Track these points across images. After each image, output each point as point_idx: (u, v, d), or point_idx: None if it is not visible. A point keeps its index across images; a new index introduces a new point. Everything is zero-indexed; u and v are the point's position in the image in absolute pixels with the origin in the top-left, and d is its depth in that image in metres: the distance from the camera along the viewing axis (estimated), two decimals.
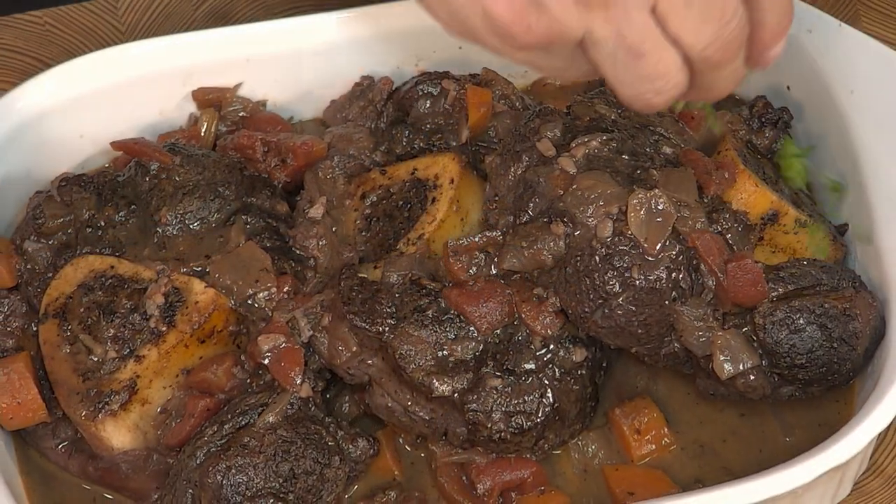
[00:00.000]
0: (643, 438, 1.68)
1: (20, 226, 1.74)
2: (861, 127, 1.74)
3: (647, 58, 1.31)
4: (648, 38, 1.30)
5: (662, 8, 1.29)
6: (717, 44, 1.32)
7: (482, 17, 1.30)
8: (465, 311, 1.60)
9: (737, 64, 1.37)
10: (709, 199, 1.64)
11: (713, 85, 1.39)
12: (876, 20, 2.02)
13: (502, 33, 1.30)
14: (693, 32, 1.31)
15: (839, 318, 1.60)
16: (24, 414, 1.65)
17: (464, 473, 1.65)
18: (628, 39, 1.30)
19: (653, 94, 1.35)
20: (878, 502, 1.70)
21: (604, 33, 1.29)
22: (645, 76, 1.33)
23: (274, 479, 1.57)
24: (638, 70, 1.32)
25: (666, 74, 1.33)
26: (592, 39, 1.30)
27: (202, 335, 1.64)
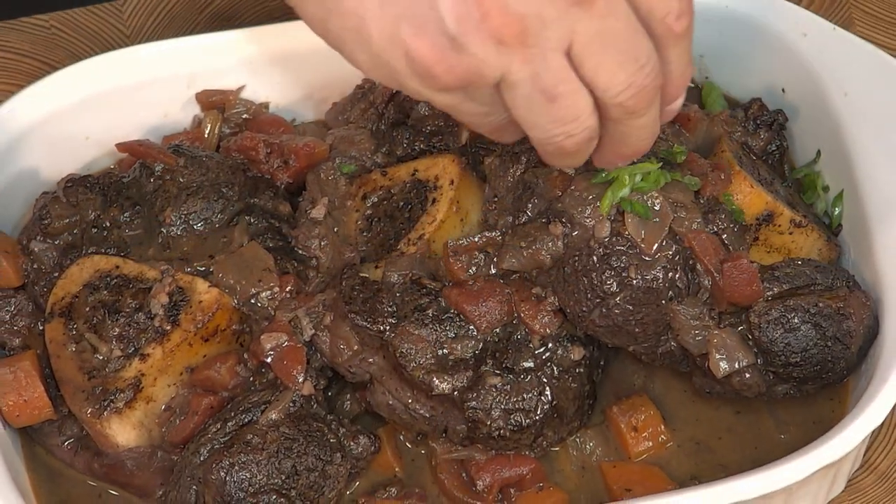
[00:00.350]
0: (640, 436, 1.68)
1: (27, 226, 1.74)
2: (855, 129, 1.74)
3: (560, 100, 1.30)
4: (563, 80, 1.29)
5: (578, 51, 1.28)
6: (631, 89, 1.32)
7: (404, 58, 1.29)
8: (465, 311, 1.61)
9: (651, 115, 1.37)
10: (705, 200, 1.64)
11: (628, 136, 1.38)
12: (869, 24, 2.02)
13: (424, 74, 1.29)
14: (608, 76, 1.30)
15: (833, 318, 1.60)
16: (31, 411, 1.65)
17: (464, 470, 1.65)
18: (543, 81, 1.29)
19: (564, 137, 1.34)
20: (872, 499, 1.70)
21: (521, 75, 1.29)
22: (558, 119, 1.32)
23: (277, 476, 1.57)
24: (551, 113, 1.31)
25: (578, 118, 1.33)
26: (509, 82, 1.29)
27: (206, 334, 1.64)
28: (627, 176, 1.58)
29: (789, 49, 1.81)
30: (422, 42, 1.27)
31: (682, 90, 1.41)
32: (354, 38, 1.32)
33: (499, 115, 1.37)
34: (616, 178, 1.58)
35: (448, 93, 1.32)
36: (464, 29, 1.25)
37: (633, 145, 1.40)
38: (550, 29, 1.27)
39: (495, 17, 1.25)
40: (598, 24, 1.28)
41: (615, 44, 1.29)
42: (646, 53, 1.31)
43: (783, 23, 1.82)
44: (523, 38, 1.26)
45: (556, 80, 1.29)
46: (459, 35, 1.26)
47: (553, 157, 1.39)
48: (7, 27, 2.01)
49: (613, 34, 1.29)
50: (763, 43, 1.84)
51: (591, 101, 1.32)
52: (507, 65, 1.28)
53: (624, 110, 1.34)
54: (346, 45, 1.34)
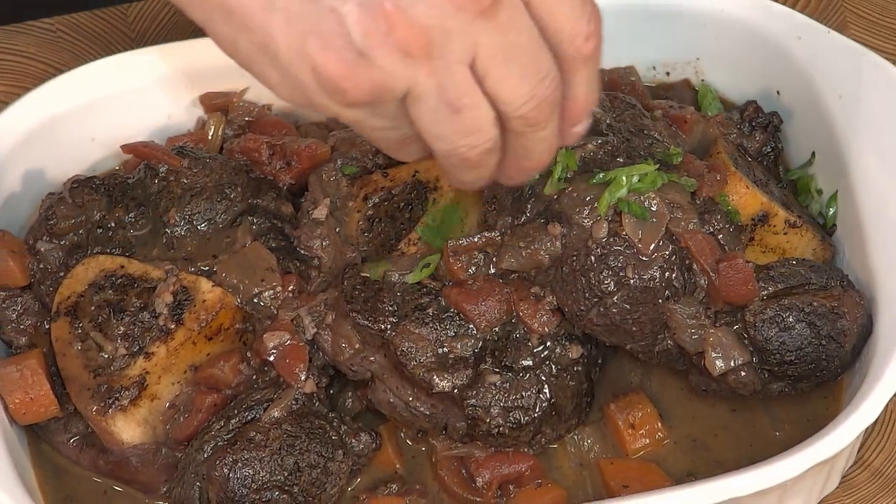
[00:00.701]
0: (637, 433, 1.68)
1: (33, 226, 1.74)
2: (849, 131, 1.74)
3: (464, 112, 1.30)
4: (467, 92, 1.29)
5: (482, 63, 1.28)
6: (532, 102, 1.32)
7: (312, 73, 1.27)
8: (465, 310, 1.61)
9: (551, 129, 1.36)
10: (701, 201, 1.64)
11: (529, 150, 1.38)
12: (863, 27, 2.02)
13: (331, 89, 1.28)
14: (510, 89, 1.30)
15: (827, 316, 1.60)
16: (37, 409, 1.65)
17: (463, 467, 1.65)
18: (448, 93, 1.29)
19: (468, 149, 1.34)
20: (865, 495, 1.71)
21: (426, 87, 1.28)
22: (462, 130, 1.32)
23: (279, 473, 1.57)
24: (456, 124, 1.31)
25: (481, 129, 1.32)
26: (415, 94, 1.29)
27: (209, 333, 1.64)
28: (625, 177, 1.58)
29: (784, 52, 1.81)
30: (329, 56, 1.26)
31: (586, 113, 1.40)
32: (263, 55, 1.30)
33: (402, 130, 1.36)
34: (613, 180, 1.58)
35: (356, 108, 1.31)
36: (370, 43, 1.25)
37: (534, 158, 1.40)
38: (454, 41, 1.26)
39: (401, 29, 1.24)
40: (501, 38, 1.27)
41: (517, 57, 1.29)
42: (546, 68, 1.31)
43: (778, 26, 1.82)
44: (428, 50, 1.26)
45: (461, 92, 1.29)
46: (366, 49, 1.25)
47: (457, 169, 1.39)
48: (14, 30, 2.01)
49: (516, 48, 1.29)
50: (758, 46, 1.84)
51: (494, 113, 1.32)
52: (414, 77, 1.27)
53: (525, 122, 1.34)
54: (255, 62, 1.32)
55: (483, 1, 1.25)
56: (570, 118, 1.39)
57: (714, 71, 1.91)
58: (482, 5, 1.25)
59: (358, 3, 1.24)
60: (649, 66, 1.92)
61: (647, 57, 1.92)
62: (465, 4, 1.25)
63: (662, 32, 1.89)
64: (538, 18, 1.30)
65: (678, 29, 1.88)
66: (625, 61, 1.91)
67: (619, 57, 1.91)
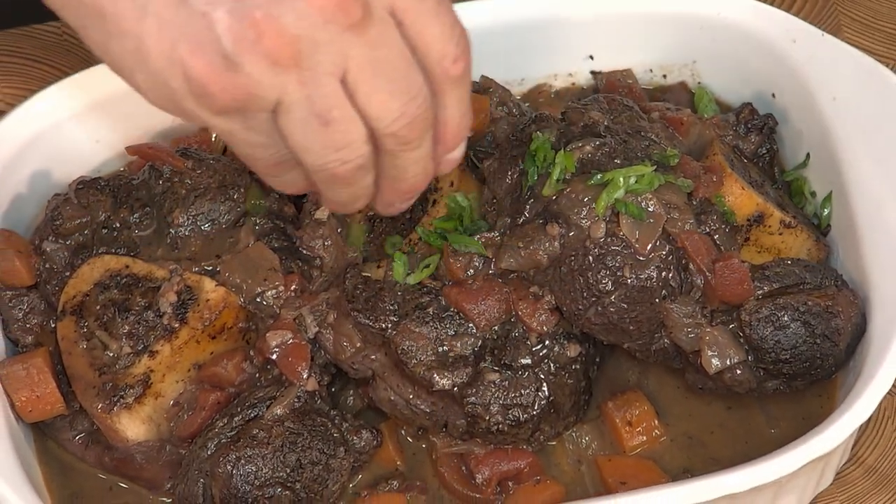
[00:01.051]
0: (634, 430, 1.68)
1: (39, 227, 1.75)
2: (843, 132, 1.74)
3: (334, 125, 1.28)
4: (337, 105, 1.28)
5: (352, 77, 1.27)
6: (403, 119, 1.30)
7: (182, 77, 1.26)
8: (465, 309, 1.61)
9: (423, 149, 1.35)
10: (697, 202, 1.64)
11: (402, 171, 1.36)
12: (857, 31, 2.02)
13: (200, 93, 1.26)
14: (380, 105, 1.29)
15: (822, 316, 1.61)
16: (43, 407, 1.65)
17: (463, 463, 1.65)
18: (317, 105, 1.27)
19: (338, 164, 1.32)
20: (859, 491, 1.71)
21: (295, 97, 1.26)
22: (331, 144, 1.30)
23: (282, 469, 1.57)
24: (325, 137, 1.29)
25: (351, 144, 1.31)
26: (285, 104, 1.27)
27: (213, 331, 1.65)
28: (622, 178, 1.58)
29: (779, 55, 1.81)
30: (199, 61, 1.24)
31: (460, 138, 1.39)
32: (133, 60, 1.28)
33: (277, 150, 1.34)
34: (611, 181, 1.58)
35: (226, 117, 1.29)
36: (239, 49, 1.23)
37: (409, 180, 1.38)
38: (324, 53, 1.25)
39: (270, 38, 1.23)
40: (370, 53, 1.26)
41: (387, 73, 1.28)
42: (417, 86, 1.30)
43: (773, 30, 1.82)
44: (297, 59, 1.24)
45: (330, 105, 1.27)
46: (235, 55, 1.23)
47: (327, 185, 1.36)
48: (21, 34, 2.01)
49: (386, 63, 1.27)
50: (754, 49, 1.84)
51: (365, 130, 1.31)
52: (283, 86, 1.26)
53: (397, 140, 1.32)
54: (126, 67, 1.30)
55: (352, 14, 1.24)
56: (444, 143, 1.37)
57: (710, 73, 1.91)
58: (352, 19, 1.24)
59: (229, 9, 1.23)
60: (646, 69, 1.93)
61: (645, 60, 1.92)
62: (335, 17, 1.23)
63: (660, 36, 1.89)
64: (408, 38, 1.29)
65: (675, 32, 1.88)
66: (622, 64, 1.91)
67: (616, 60, 1.91)
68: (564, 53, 1.91)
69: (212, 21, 1.23)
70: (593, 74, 1.92)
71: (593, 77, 1.92)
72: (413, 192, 1.42)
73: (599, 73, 1.91)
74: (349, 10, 1.24)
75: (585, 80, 1.93)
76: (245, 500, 1.57)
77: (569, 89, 1.92)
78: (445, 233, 1.65)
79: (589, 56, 1.91)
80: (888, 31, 2.02)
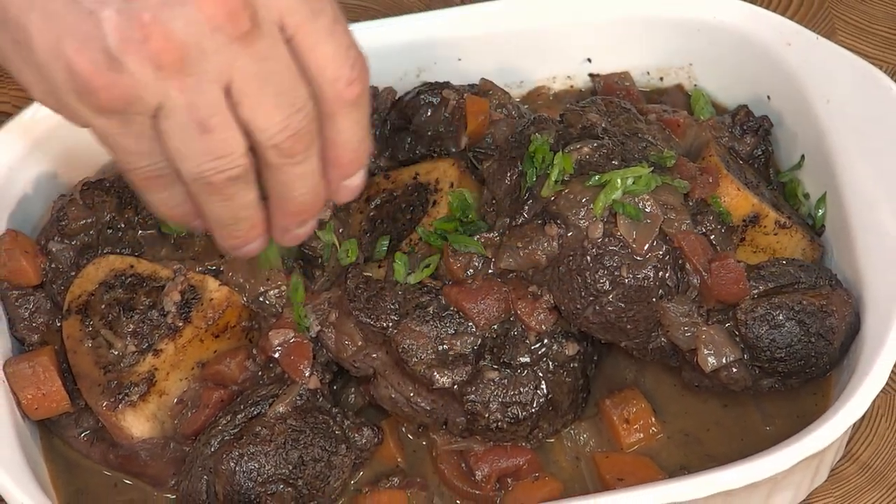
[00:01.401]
0: (632, 427, 1.68)
1: (45, 227, 1.75)
2: (837, 134, 1.75)
3: (213, 132, 1.26)
4: (217, 113, 1.25)
5: (237, 87, 1.25)
6: (286, 131, 1.27)
7: (65, 72, 1.23)
8: (464, 308, 1.61)
9: (309, 166, 1.31)
10: (693, 202, 1.64)
11: (289, 189, 1.33)
12: (851, 34, 2.02)
13: (82, 89, 1.23)
14: (264, 116, 1.26)
15: (816, 315, 1.61)
16: (49, 405, 1.65)
17: (463, 460, 1.65)
18: (198, 111, 1.24)
19: (213, 172, 1.28)
20: (853, 488, 1.71)
21: (177, 102, 1.24)
22: (209, 151, 1.27)
23: (284, 466, 1.58)
24: (202, 144, 1.26)
25: (229, 154, 1.27)
26: (166, 109, 1.25)
27: (216, 330, 1.65)
28: (619, 179, 1.58)
29: (774, 58, 1.82)
30: (83, 57, 1.22)
31: (358, 163, 1.35)
32: (18, 52, 1.26)
33: (154, 160, 1.30)
34: (609, 182, 1.58)
35: (106, 117, 1.26)
36: (125, 48, 1.21)
37: (297, 199, 1.34)
38: (209, 61, 1.23)
39: (155, 41, 1.21)
40: (257, 65, 1.24)
41: (272, 85, 1.25)
42: (302, 99, 1.27)
43: (769, 33, 1.82)
44: (181, 65, 1.22)
45: (211, 112, 1.25)
46: (120, 54, 1.21)
47: (205, 198, 1.32)
48: None
49: (271, 76, 1.25)
50: (749, 52, 1.85)
51: (245, 142, 1.28)
52: (165, 90, 1.23)
53: (279, 153, 1.29)
54: (11, 59, 1.28)
55: (241, 25, 1.22)
56: (339, 167, 1.34)
57: (706, 76, 1.91)
58: (240, 30, 1.22)
59: (117, 9, 1.21)
60: (643, 72, 1.93)
61: (642, 63, 1.92)
62: (223, 27, 1.21)
63: (657, 39, 1.89)
64: (299, 55, 1.26)
65: (672, 36, 1.88)
66: (620, 67, 1.92)
67: (614, 63, 1.91)
68: (563, 56, 1.91)
69: (99, 19, 1.21)
70: (591, 77, 1.92)
71: (591, 80, 1.92)
72: (304, 215, 1.37)
73: (597, 75, 1.92)
74: (238, 20, 1.21)
75: (583, 82, 1.93)
76: (248, 496, 1.57)
77: (567, 92, 1.93)
78: (445, 233, 1.65)
79: (587, 59, 1.92)
80: (882, 34, 2.02)
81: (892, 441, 1.74)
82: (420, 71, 1.90)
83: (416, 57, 1.89)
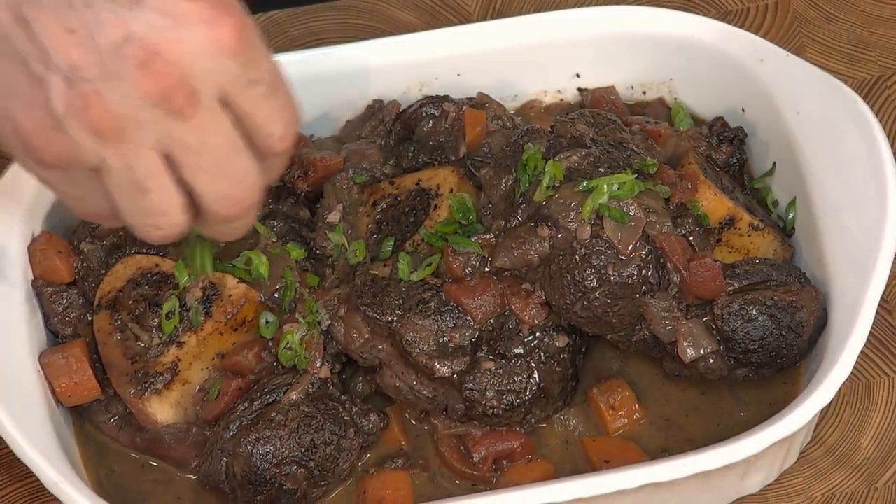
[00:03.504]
0: (617, 414, 1.68)
1: (77, 229, 1.75)
2: (806, 144, 1.74)
3: (149, 194, 1.24)
4: (153, 176, 1.23)
5: (177, 156, 1.23)
6: (226, 201, 1.26)
7: (11, 130, 1.23)
8: (463, 304, 1.61)
9: (245, 221, 1.31)
10: (674, 206, 1.64)
11: (222, 233, 1.33)
12: (819, 51, 2.02)
13: (26, 147, 1.23)
14: (203, 185, 1.25)
15: (787, 310, 1.61)
16: (81, 392, 1.65)
17: (462, 444, 1.65)
18: (135, 174, 1.23)
19: (153, 228, 1.27)
20: (821, 469, 1.71)
21: (115, 165, 1.22)
22: (146, 210, 1.25)
23: (297, 449, 1.58)
24: (140, 203, 1.25)
25: (166, 214, 1.26)
26: (106, 167, 1.23)
27: (235, 324, 1.65)
28: (606, 185, 1.58)
29: (748, 73, 1.81)
30: (27, 117, 1.21)
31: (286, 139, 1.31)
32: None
33: (95, 204, 1.29)
34: (596, 187, 1.58)
35: (50, 171, 1.25)
36: (68, 113, 1.19)
37: (226, 237, 1.34)
38: (146, 131, 1.20)
39: (94, 110, 1.19)
40: (195, 136, 1.22)
41: (212, 157, 1.23)
42: (243, 171, 1.26)
43: (743, 50, 1.82)
44: (118, 134, 1.20)
45: (147, 175, 1.23)
46: (62, 118, 1.20)
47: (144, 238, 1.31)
48: None
49: (211, 148, 1.23)
50: (725, 68, 1.84)
51: (181, 201, 1.26)
52: (103, 154, 1.22)
53: (218, 218, 1.28)
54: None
55: (175, 101, 1.19)
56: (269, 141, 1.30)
57: (686, 90, 1.91)
58: (175, 105, 1.19)
59: (63, 77, 1.18)
60: (628, 86, 1.93)
61: (627, 78, 1.92)
62: (159, 102, 1.19)
63: (640, 56, 1.89)
64: (240, 119, 1.24)
65: (654, 53, 1.88)
66: (606, 82, 1.91)
67: (601, 78, 1.91)
68: (554, 72, 1.91)
69: (48, 84, 1.19)
70: (580, 91, 1.92)
71: (580, 93, 1.92)
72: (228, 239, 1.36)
73: (585, 89, 1.92)
74: (173, 98, 1.19)
75: (573, 96, 1.93)
76: (264, 477, 1.57)
77: (558, 104, 1.92)
78: (446, 234, 1.65)
79: (576, 74, 1.91)
80: (847, 51, 2.02)
81: (856, 426, 1.74)
82: (422, 85, 1.90)
83: (418, 72, 1.89)
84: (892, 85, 1.99)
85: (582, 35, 1.87)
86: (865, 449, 1.72)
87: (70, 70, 1.18)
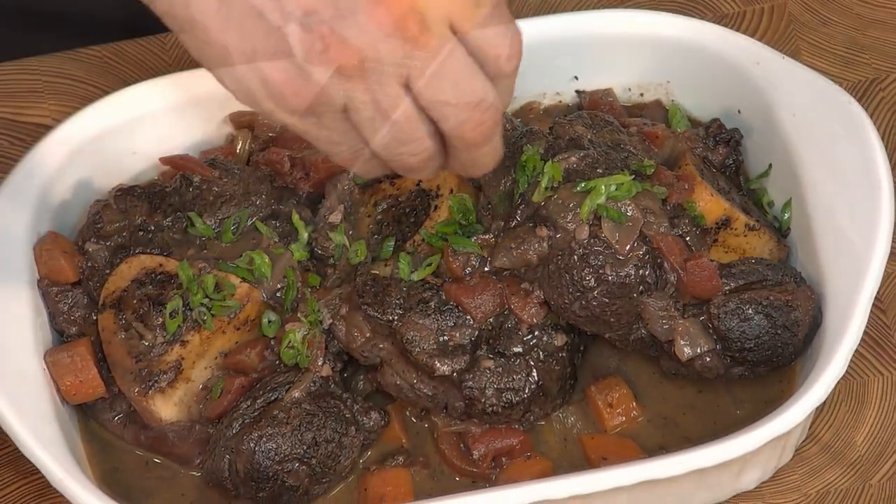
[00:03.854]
0: (615, 411, 1.68)
1: (82, 229, 1.75)
2: (801, 145, 1.75)
3: (398, 124, 1.28)
4: (399, 105, 1.27)
5: (416, 84, 1.27)
6: (469, 124, 1.29)
7: (260, 83, 1.28)
8: (463, 303, 1.61)
9: (493, 145, 1.34)
10: (671, 207, 1.64)
11: (473, 162, 1.36)
12: (814, 54, 2.02)
13: (276, 96, 1.28)
14: (444, 110, 1.28)
15: (782, 309, 1.61)
16: (86, 391, 1.65)
17: (462, 441, 1.66)
18: (382, 106, 1.27)
19: (408, 156, 1.32)
20: (816, 466, 1.71)
21: (362, 100, 1.27)
22: (398, 139, 1.30)
23: (299, 446, 1.58)
24: (391, 134, 1.29)
25: (417, 140, 1.30)
26: (353, 105, 1.28)
27: (237, 323, 1.65)
28: (604, 186, 1.58)
29: (744, 76, 1.82)
30: (273, 69, 1.26)
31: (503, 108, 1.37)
32: (221, 65, 1.31)
33: (351, 145, 1.34)
34: (594, 188, 1.59)
35: (300, 117, 1.30)
36: (309, 58, 1.24)
37: (479, 168, 1.38)
38: (386, 62, 1.25)
39: (335, 50, 1.24)
40: (431, 62, 1.26)
41: (449, 81, 1.27)
42: (480, 91, 1.29)
43: (739, 53, 1.82)
44: (361, 68, 1.25)
45: (392, 105, 1.27)
46: (306, 64, 1.25)
47: (403, 171, 1.37)
48: (65, 57, 2.01)
49: (447, 72, 1.27)
50: (722, 70, 1.85)
51: (428, 128, 1.30)
52: (349, 91, 1.26)
53: (464, 143, 1.32)
54: (216, 70, 1.33)
55: (409, 29, 1.23)
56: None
57: (683, 92, 1.91)
58: (410, 33, 1.24)
59: (300, 23, 1.23)
60: (626, 88, 1.93)
61: (624, 80, 1.92)
62: (395, 32, 1.23)
63: (638, 58, 1.89)
64: (467, 42, 1.28)
65: (652, 56, 1.88)
66: (604, 84, 1.91)
67: (599, 80, 1.91)
68: (552, 74, 1.91)
69: (285, 34, 1.24)
70: (578, 93, 1.92)
71: (578, 95, 1.92)
72: (482, 172, 1.40)
73: (584, 91, 1.92)
74: (407, 26, 1.23)
75: (571, 98, 1.93)
76: (266, 474, 1.57)
77: (556, 106, 1.92)
78: (446, 235, 1.65)
79: (574, 77, 1.91)
80: (841, 54, 2.02)
81: (850, 424, 1.74)
82: None
83: None
84: (885, 87, 1.99)
85: (580, 38, 1.87)
86: (860, 446, 1.72)
87: (305, 15, 1.22)
